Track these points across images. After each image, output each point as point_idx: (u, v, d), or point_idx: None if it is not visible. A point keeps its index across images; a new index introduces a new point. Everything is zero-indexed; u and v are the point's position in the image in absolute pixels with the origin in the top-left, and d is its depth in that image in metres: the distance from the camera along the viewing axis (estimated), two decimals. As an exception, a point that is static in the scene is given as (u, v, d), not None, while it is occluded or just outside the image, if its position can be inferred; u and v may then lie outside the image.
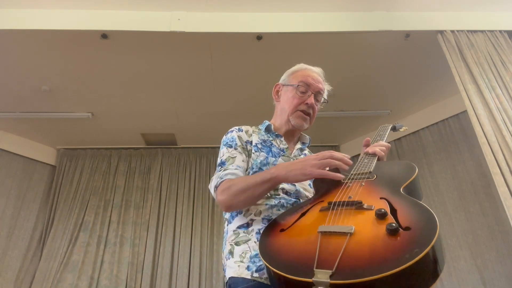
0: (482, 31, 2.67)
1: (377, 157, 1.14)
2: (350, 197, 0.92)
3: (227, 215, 1.16)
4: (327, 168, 1.00)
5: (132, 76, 3.11)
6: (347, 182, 1.00)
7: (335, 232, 0.77)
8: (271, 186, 1.04)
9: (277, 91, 1.34)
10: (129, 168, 4.23)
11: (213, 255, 3.76)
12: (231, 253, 1.04)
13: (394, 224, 0.72)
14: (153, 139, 4.29)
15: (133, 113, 3.68)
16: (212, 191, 1.10)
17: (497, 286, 2.80)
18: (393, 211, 0.81)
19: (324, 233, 0.78)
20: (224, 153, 1.16)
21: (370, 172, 1.04)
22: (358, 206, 0.86)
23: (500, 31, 2.67)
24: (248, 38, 2.71)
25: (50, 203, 3.95)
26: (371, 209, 0.83)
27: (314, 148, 1.31)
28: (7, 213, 3.68)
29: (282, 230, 0.89)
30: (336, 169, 1.02)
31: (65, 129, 3.94)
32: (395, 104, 3.69)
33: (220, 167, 1.12)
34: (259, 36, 2.69)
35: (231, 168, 1.10)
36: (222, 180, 1.05)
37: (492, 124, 2.26)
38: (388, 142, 1.26)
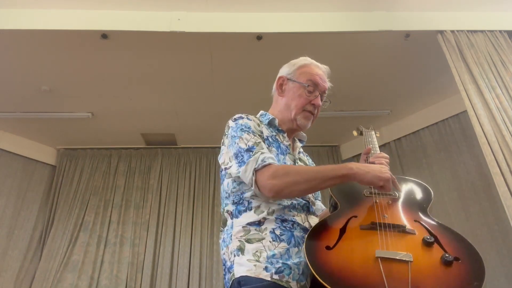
0: (482, 31, 2.67)
1: None
2: (385, 216, 0.96)
3: (229, 207, 1.10)
4: None
5: (132, 76, 3.11)
6: (372, 197, 1.04)
7: (395, 259, 0.80)
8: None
9: (281, 85, 1.29)
10: (129, 168, 4.23)
11: (213, 255, 3.76)
12: (240, 249, 0.99)
13: (449, 256, 0.78)
14: (153, 139, 4.29)
15: (133, 113, 3.68)
16: (247, 174, 1.02)
17: (497, 286, 2.80)
18: (434, 237, 0.87)
19: (383, 259, 0.80)
20: (247, 139, 1.08)
21: None
22: (402, 229, 0.90)
23: (500, 31, 2.67)
24: (248, 38, 2.71)
25: (50, 203, 3.95)
26: (414, 234, 0.89)
27: (314, 148, 1.32)
28: (7, 213, 3.68)
29: (328, 247, 0.88)
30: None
31: (65, 129, 3.94)
32: (395, 104, 3.69)
33: (250, 152, 1.04)
34: (259, 36, 2.69)
35: (267, 152, 1.05)
36: (265, 163, 1.00)
37: (492, 124, 2.26)
38: (388, 142, 1.29)
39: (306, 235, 0.96)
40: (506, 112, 2.27)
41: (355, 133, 1.52)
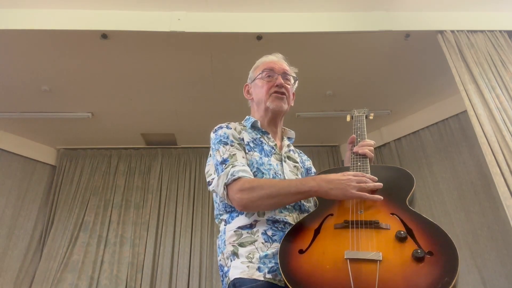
0: (482, 31, 2.67)
1: (367, 158, 1.14)
2: (361, 211, 0.93)
3: (224, 216, 1.12)
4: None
5: (132, 76, 3.11)
6: None
7: (364, 259, 0.77)
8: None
9: (248, 91, 1.37)
10: (129, 168, 4.23)
11: (213, 255, 3.76)
12: (235, 254, 1.00)
13: (420, 251, 0.74)
14: (153, 139, 4.28)
15: (133, 113, 3.68)
16: (219, 189, 1.04)
17: (497, 286, 2.80)
18: (409, 230, 0.82)
19: (352, 260, 0.78)
20: (223, 151, 1.11)
21: None
22: (375, 225, 0.86)
23: (500, 31, 2.67)
24: (248, 38, 2.71)
25: (50, 203, 3.95)
26: (388, 229, 0.85)
27: (314, 148, 1.32)
28: (7, 213, 3.67)
29: (301, 251, 0.86)
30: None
31: (65, 129, 3.94)
32: (395, 104, 3.69)
33: (223, 165, 1.07)
34: (259, 36, 2.69)
35: (239, 164, 1.05)
36: (235, 177, 1.01)
37: (492, 124, 2.26)
38: (388, 142, 1.27)
39: (282, 239, 0.94)
40: (506, 112, 2.27)
41: (348, 117, 1.50)
